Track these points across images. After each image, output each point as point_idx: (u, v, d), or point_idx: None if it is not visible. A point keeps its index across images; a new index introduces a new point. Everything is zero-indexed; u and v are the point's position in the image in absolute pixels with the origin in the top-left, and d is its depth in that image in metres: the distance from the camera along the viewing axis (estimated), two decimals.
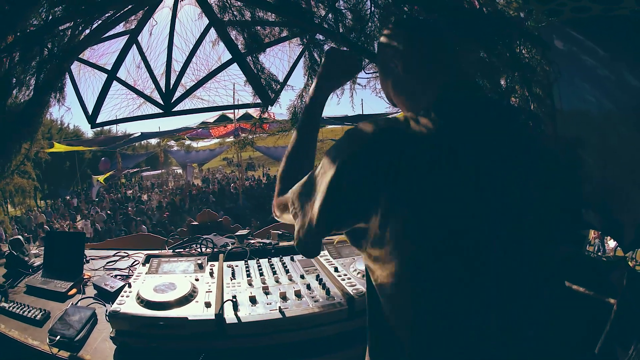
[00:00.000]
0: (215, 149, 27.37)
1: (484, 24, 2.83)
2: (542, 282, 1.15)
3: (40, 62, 3.58)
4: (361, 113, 18.43)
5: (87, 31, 3.73)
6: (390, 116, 1.16)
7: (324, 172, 1.16)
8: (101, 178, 22.60)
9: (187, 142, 28.06)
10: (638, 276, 2.29)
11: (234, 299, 2.17)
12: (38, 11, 3.30)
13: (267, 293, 2.30)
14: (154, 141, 29.13)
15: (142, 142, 30.45)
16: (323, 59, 1.71)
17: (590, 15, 2.35)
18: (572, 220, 1.67)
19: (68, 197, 25.67)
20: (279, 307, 2.13)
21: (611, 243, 10.52)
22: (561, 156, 1.28)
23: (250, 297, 2.22)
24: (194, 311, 2.11)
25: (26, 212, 21.41)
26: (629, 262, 2.73)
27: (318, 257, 2.87)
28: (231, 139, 21.87)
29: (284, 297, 2.25)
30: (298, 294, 2.28)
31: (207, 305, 2.16)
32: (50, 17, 3.40)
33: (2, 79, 3.39)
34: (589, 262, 2.99)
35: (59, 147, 20.54)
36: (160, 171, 34.27)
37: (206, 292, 2.31)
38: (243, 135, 18.28)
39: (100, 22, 3.70)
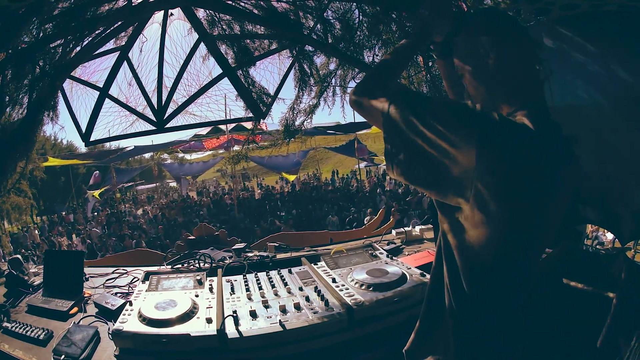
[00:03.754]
0: (208, 160, 27.19)
1: None
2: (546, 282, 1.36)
3: (33, 80, 3.59)
4: (353, 121, 18.52)
5: (78, 48, 3.74)
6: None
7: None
8: (96, 193, 22.40)
9: (181, 154, 27.98)
10: (637, 268, 2.33)
11: (235, 314, 2.20)
12: (29, 28, 3.30)
13: (266, 306, 2.34)
14: (147, 155, 29.00)
15: (136, 156, 30.28)
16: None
17: (578, 12, 2.40)
18: (569, 219, 1.75)
19: (64, 213, 25.55)
20: (279, 320, 2.16)
21: (609, 235, 10.54)
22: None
23: (250, 311, 2.25)
24: (196, 327, 2.13)
25: (25, 228, 21.25)
26: (629, 252, 2.75)
27: (315, 268, 2.91)
28: (223, 151, 21.82)
29: (283, 310, 2.28)
30: (297, 307, 2.31)
31: (209, 321, 2.19)
32: (41, 35, 3.42)
33: None
34: (588, 257, 3.01)
35: (53, 161, 20.39)
36: (154, 184, 34.23)
37: (207, 307, 2.34)
38: (237, 147, 18.20)
39: (90, 39, 3.72)
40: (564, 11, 2.42)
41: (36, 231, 20.81)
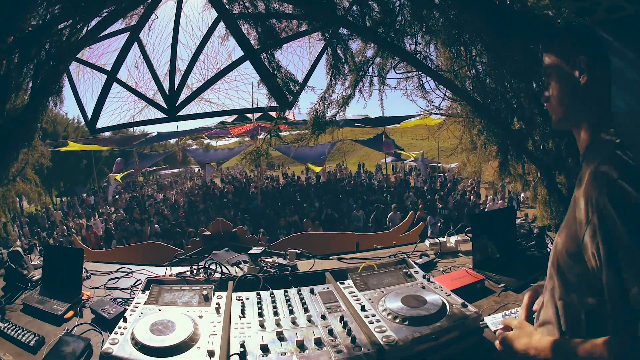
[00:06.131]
0: (234, 147, 27.31)
1: (515, 22, 2.82)
2: None
3: (38, 64, 3.42)
4: (382, 115, 18.22)
5: (86, 30, 3.52)
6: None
7: None
8: (118, 177, 22.60)
9: (206, 140, 28.04)
10: None
11: (242, 349, 1.81)
12: (37, 10, 3.18)
13: (281, 339, 1.93)
14: (172, 140, 29.17)
15: (161, 141, 30.51)
16: None
17: (621, 15, 2.27)
18: None
19: (84, 195, 25.91)
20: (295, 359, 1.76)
21: None
22: None
23: (261, 345, 1.86)
24: None
25: (43, 208, 21.55)
26: None
27: (342, 288, 2.50)
28: (248, 139, 21.75)
29: (301, 346, 1.87)
30: (318, 342, 1.90)
31: (211, 354, 1.80)
32: (49, 16, 3.25)
33: (1, 82, 3.24)
34: None
35: (73, 146, 20.63)
36: (178, 170, 34.47)
37: (210, 335, 1.97)
38: (262, 136, 18.07)
39: (99, 18, 3.45)
40: (608, 13, 2.32)
41: (59, 212, 21.09)
